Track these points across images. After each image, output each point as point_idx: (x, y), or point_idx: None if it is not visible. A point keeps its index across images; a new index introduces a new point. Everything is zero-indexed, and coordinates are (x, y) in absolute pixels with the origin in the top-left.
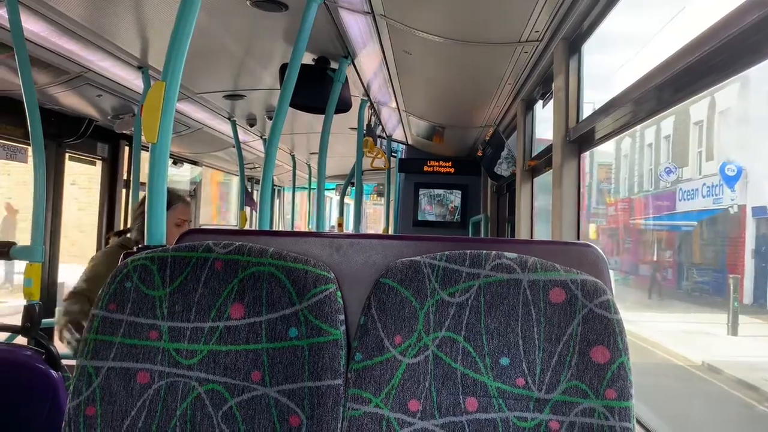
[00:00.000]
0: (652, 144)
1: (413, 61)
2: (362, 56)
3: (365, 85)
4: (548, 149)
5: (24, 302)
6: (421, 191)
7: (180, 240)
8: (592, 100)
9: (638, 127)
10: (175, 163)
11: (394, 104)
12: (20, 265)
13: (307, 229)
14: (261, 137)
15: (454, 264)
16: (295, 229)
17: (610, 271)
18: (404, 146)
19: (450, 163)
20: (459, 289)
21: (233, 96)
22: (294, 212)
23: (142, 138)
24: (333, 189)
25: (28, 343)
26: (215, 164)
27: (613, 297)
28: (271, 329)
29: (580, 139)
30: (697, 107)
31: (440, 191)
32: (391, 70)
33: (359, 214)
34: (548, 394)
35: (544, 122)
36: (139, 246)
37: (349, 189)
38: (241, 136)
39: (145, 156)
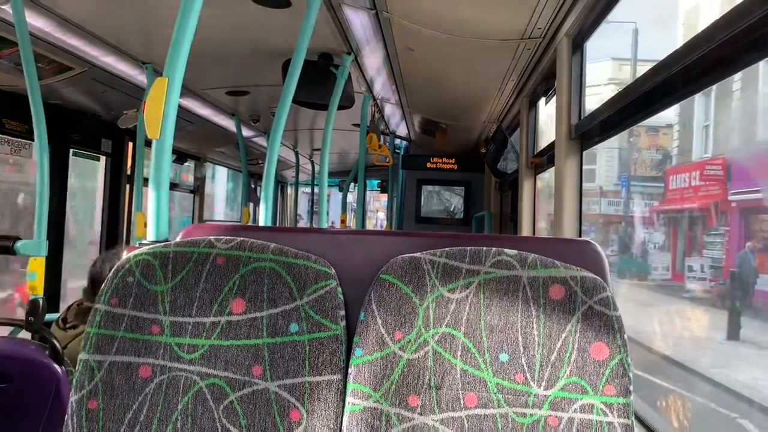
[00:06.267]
0: None
1: (416, 58)
2: (365, 53)
3: (368, 82)
4: (551, 146)
5: None
6: (425, 188)
7: (182, 236)
8: None
9: None
10: (178, 160)
11: (397, 101)
12: None
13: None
14: (264, 133)
15: (454, 260)
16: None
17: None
18: (407, 143)
19: (453, 160)
20: (459, 285)
21: (236, 92)
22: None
23: (146, 134)
24: (336, 185)
25: (32, 338)
26: (218, 160)
27: (613, 293)
28: (272, 324)
29: (582, 135)
30: None
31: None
32: (395, 66)
33: (362, 210)
34: (547, 390)
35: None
36: (142, 241)
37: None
38: (245, 132)
39: (148, 152)
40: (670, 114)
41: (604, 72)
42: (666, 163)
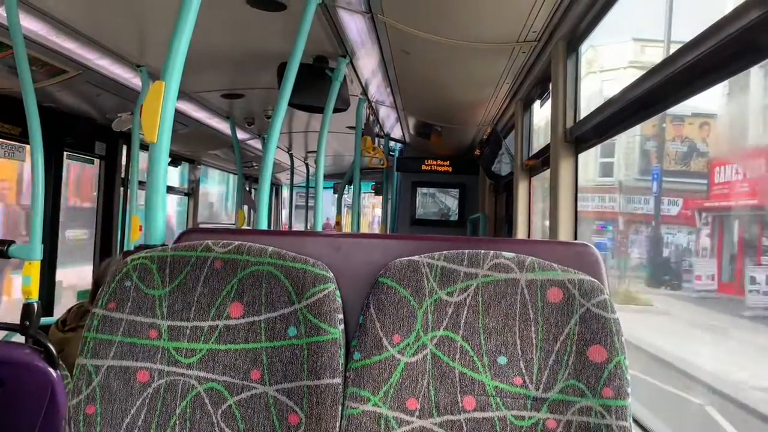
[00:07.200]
0: None
1: (411, 61)
2: (360, 55)
3: (363, 84)
4: (546, 149)
5: None
6: (419, 190)
7: (179, 239)
8: None
9: None
10: (173, 162)
11: (392, 103)
12: None
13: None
14: (259, 136)
15: (452, 263)
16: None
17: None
18: (402, 145)
19: (448, 162)
20: (457, 288)
21: (231, 95)
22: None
23: (141, 137)
24: (330, 188)
25: (26, 342)
26: (213, 163)
27: (610, 296)
28: (271, 328)
29: (577, 138)
30: None
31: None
32: (389, 69)
33: (358, 213)
34: (545, 393)
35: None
36: (139, 245)
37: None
38: (240, 135)
39: (143, 155)
40: (712, 104)
41: (625, 54)
42: (691, 157)
